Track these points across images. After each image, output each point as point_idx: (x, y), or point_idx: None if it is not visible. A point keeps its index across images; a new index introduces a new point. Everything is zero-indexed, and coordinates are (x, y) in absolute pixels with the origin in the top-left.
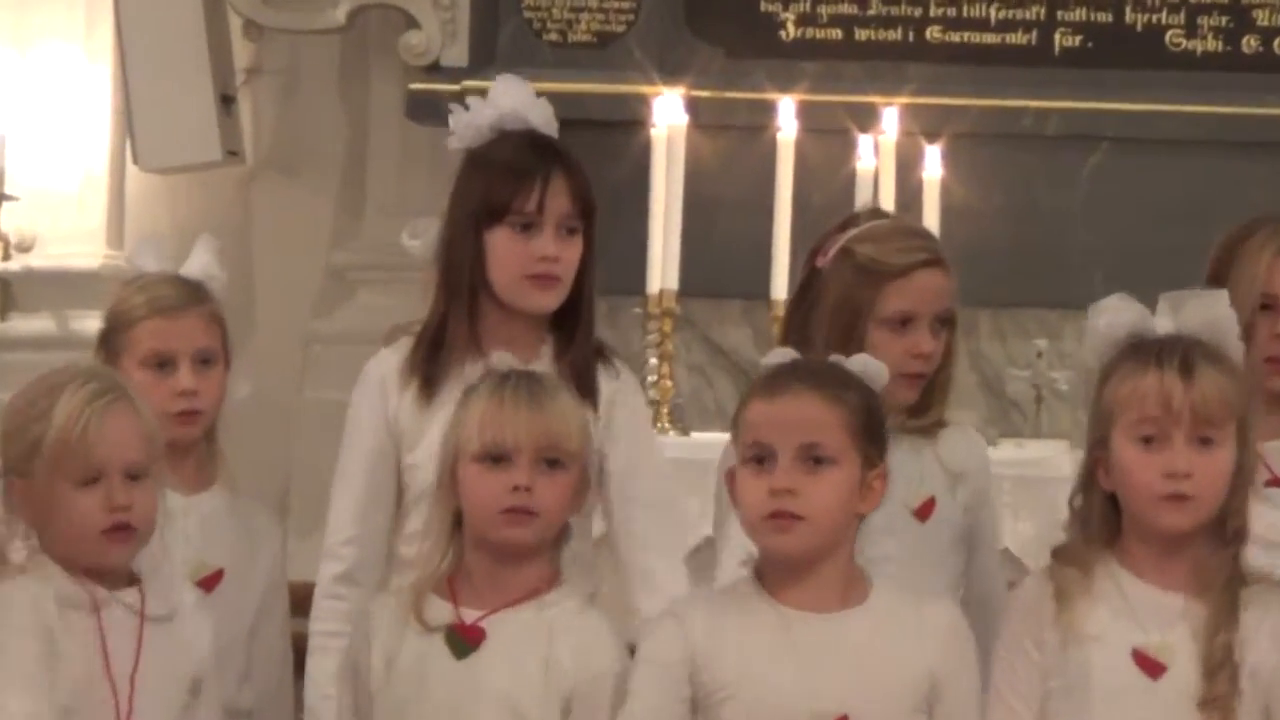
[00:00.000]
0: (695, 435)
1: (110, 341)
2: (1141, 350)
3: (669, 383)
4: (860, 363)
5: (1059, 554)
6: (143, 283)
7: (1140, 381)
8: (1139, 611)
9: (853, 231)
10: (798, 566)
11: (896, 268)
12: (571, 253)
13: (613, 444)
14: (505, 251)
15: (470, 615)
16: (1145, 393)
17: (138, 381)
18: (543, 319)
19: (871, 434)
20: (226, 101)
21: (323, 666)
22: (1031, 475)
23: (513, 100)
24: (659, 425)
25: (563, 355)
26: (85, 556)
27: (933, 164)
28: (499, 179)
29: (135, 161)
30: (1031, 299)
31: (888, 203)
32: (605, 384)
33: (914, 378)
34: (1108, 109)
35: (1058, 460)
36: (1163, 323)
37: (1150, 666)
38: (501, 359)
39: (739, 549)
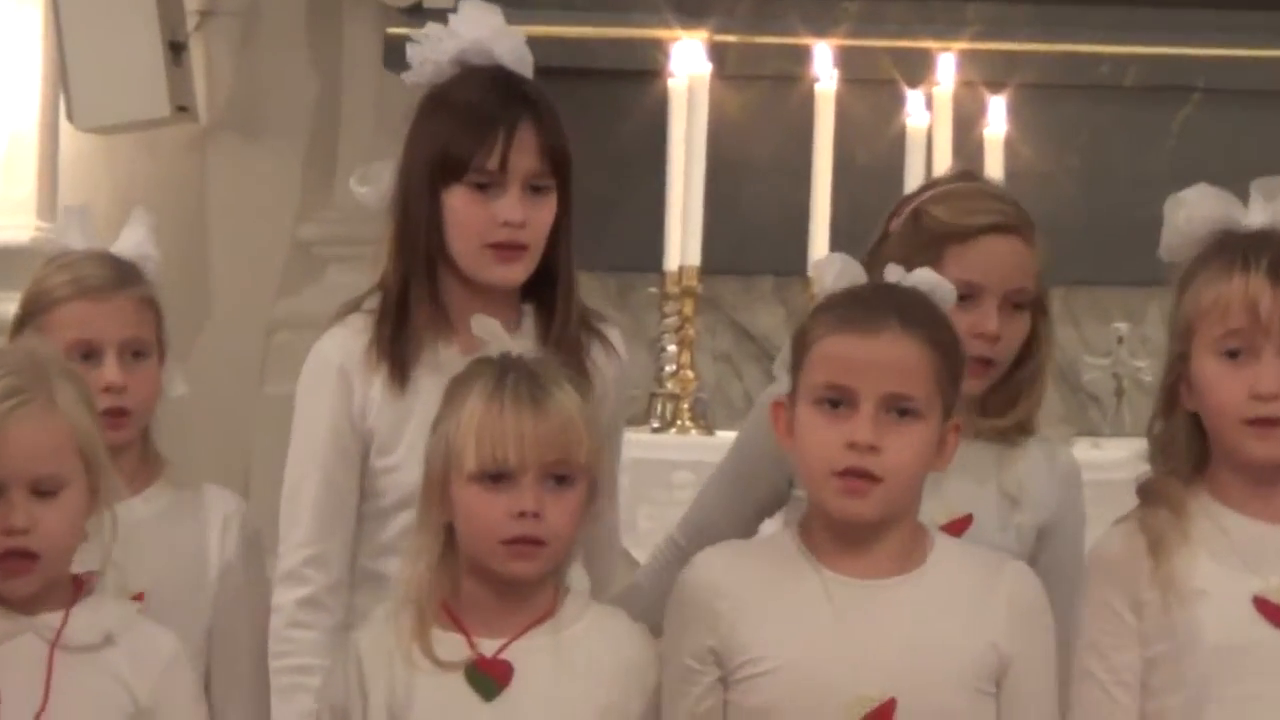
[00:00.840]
0: (721, 434)
1: (26, 326)
2: (1226, 249)
3: (690, 373)
4: (927, 280)
5: (1145, 493)
6: (66, 260)
7: (1224, 286)
8: (1249, 553)
9: (926, 195)
10: (857, 530)
11: (958, 230)
12: (541, 215)
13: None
14: (464, 215)
15: (488, 647)
16: (1229, 299)
17: None
18: (516, 291)
19: (955, 379)
20: (176, 49)
21: (298, 710)
22: (1111, 479)
23: (477, 29)
24: (679, 423)
25: (545, 335)
26: None
27: (995, 119)
28: (456, 128)
29: (70, 119)
30: (1110, 276)
31: (943, 164)
32: (605, 363)
33: (979, 364)
34: (1198, 55)
35: (1142, 462)
36: (1255, 216)
37: (1276, 614)
38: (484, 328)
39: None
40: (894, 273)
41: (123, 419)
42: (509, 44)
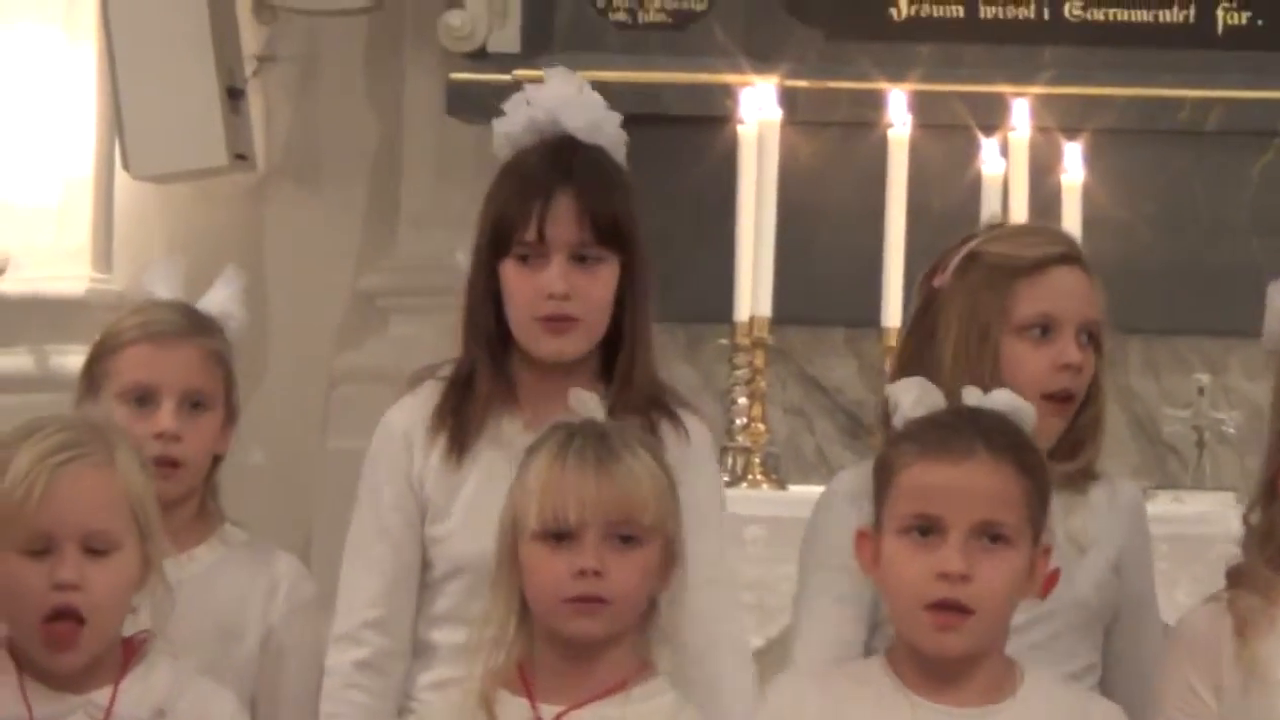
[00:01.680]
0: (793, 489)
1: (93, 371)
2: None
3: (761, 426)
4: (1007, 402)
5: (1236, 578)
6: (142, 306)
7: None
8: None
9: (976, 241)
10: (946, 665)
11: (1029, 261)
12: (591, 286)
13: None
14: (513, 288)
15: (548, 712)
16: None
17: (117, 418)
18: (590, 365)
19: (1044, 503)
20: (233, 95)
21: None
22: (1192, 534)
23: (548, 97)
24: (750, 477)
25: (612, 412)
26: (31, 649)
27: (1072, 165)
28: (502, 201)
29: (125, 168)
30: (1191, 325)
31: (1020, 210)
32: (672, 449)
33: (1062, 402)
34: None
35: (1224, 517)
36: None
37: None
38: (580, 402)
39: (820, 641)
40: (972, 395)
41: (172, 470)
42: (579, 112)
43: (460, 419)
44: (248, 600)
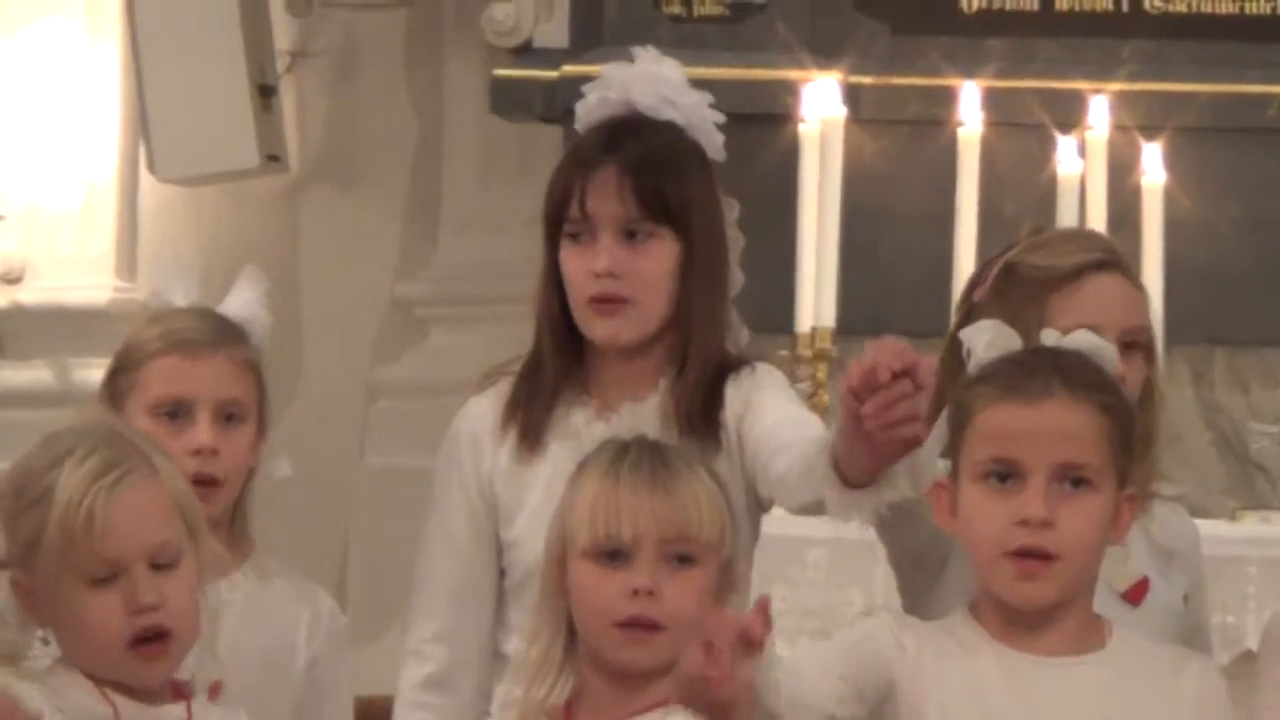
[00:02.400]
0: None
1: (116, 383)
2: None
3: None
4: (1087, 342)
5: None
6: (164, 314)
7: None
8: None
9: (1013, 251)
10: (1031, 614)
11: (1063, 270)
12: (643, 264)
13: (751, 419)
14: (566, 269)
15: None
16: None
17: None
18: (659, 350)
19: (1129, 446)
20: (265, 93)
21: None
22: None
23: (624, 74)
24: None
25: (670, 392)
26: (114, 672)
27: (1153, 166)
28: (556, 178)
29: (151, 170)
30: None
31: (1097, 214)
32: (730, 394)
33: None
34: None
35: None
36: None
37: None
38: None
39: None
40: (1050, 336)
41: (212, 488)
42: (648, 87)
43: (530, 410)
44: (293, 631)
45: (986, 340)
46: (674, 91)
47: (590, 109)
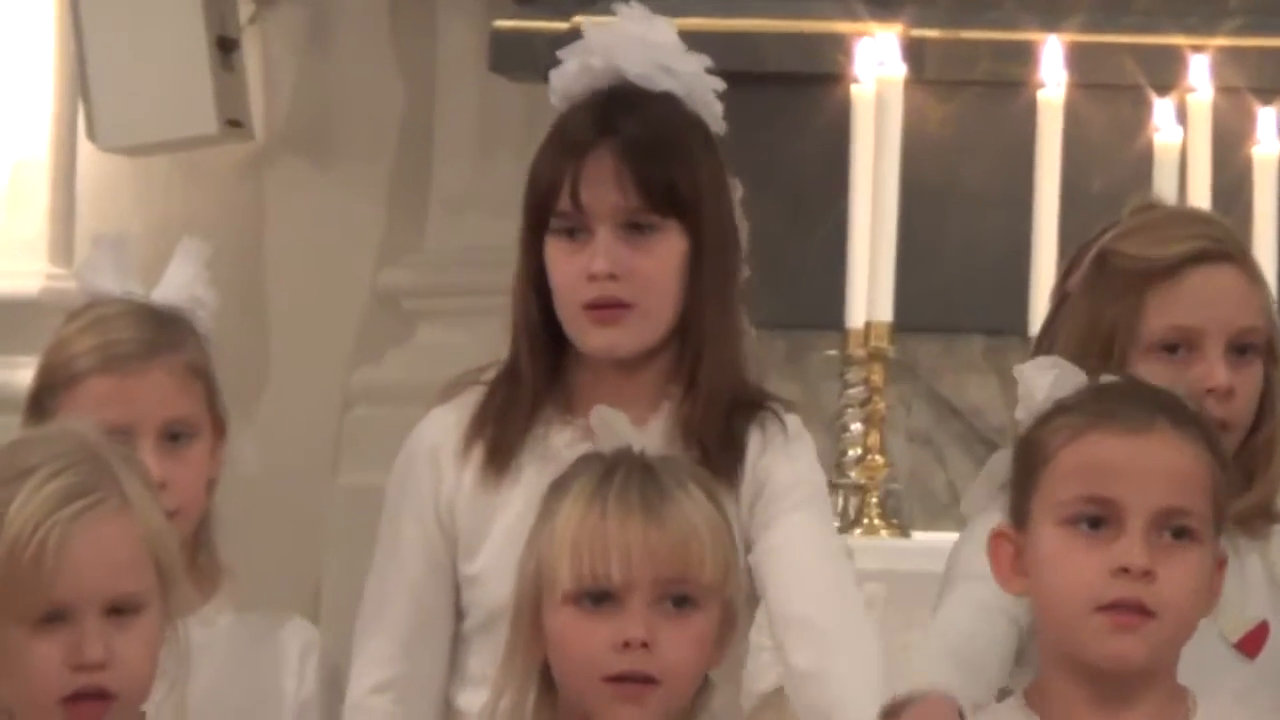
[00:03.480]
0: (919, 536)
1: (42, 404)
2: None
3: (879, 459)
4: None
5: None
6: (93, 317)
7: None
8: None
9: (1109, 235)
10: (1113, 684)
11: (1161, 263)
12: (645, 263)
13: (763, 517)
14: (555, 269)
15: None
16: None
17: None
18: (660, 364)
19: (1223, 504)
20: (225, 47)
21: None
22: None
23: (607, 38)
24: (865, 522)
25: (680, 415)
26: None
27: (1266, 134)
28: (541, 164)
29: (90, 138)
30: None
31: (1200, 190)
32: (752, 440)
33: None
34: None
35: None
36: None
37: None
38: (603, 421)
39: (940, 653)
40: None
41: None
42: (639, 53)
43: (502, 426)
44: (278, 674)
45: (1050, 381)
46: (670, 57)
47: (570, 79)
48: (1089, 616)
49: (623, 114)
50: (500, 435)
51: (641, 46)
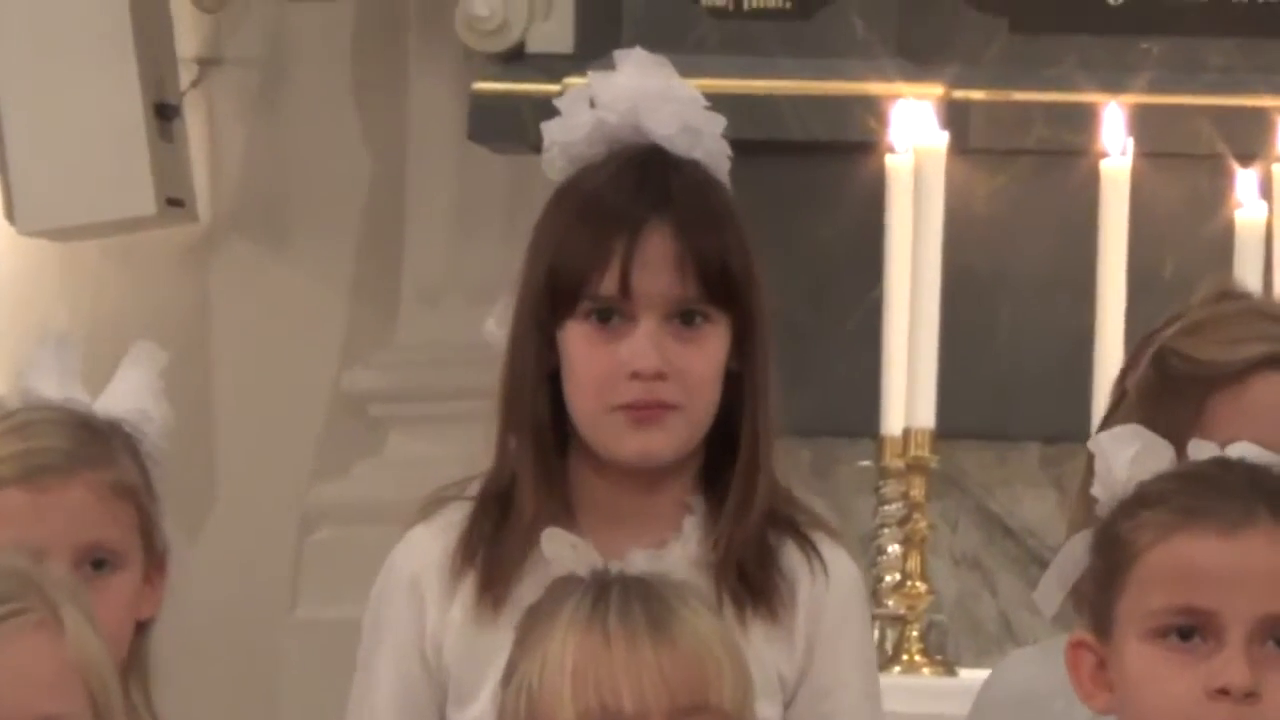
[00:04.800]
0: (965, 675)
1: None
2: None
3: (921, 585)
4: (1250, 456)
5: None
6: (17, 422)
7: None
8: None
9: (1174, 327)
10: None
11: (1224, 368)
12: (694, 360)
13: (812, 685)
14: (580, 363)
15: None
16: None
17: None
18: (686, 473)
19: None
20: (164, 114)
21: None
22: None
23: (622, 92)
24: (905, 658)
25: (708, 533)
26: None
27: None
28: (568, 238)
29: (9, 219)
30: None
31: None
32: (802, 583)
33: None
34: None
35: None
36: None
37: None
38: (554, 547)
39: None
40: (1203, 449)
41: None
42: (666, 111)
43: (496, 550)
44: None
45: (1131, 455)
46: (695, 116)
47: (577, 136)
48: None
49: (674, 184)
50: (494, 561)
51: (667, 104)
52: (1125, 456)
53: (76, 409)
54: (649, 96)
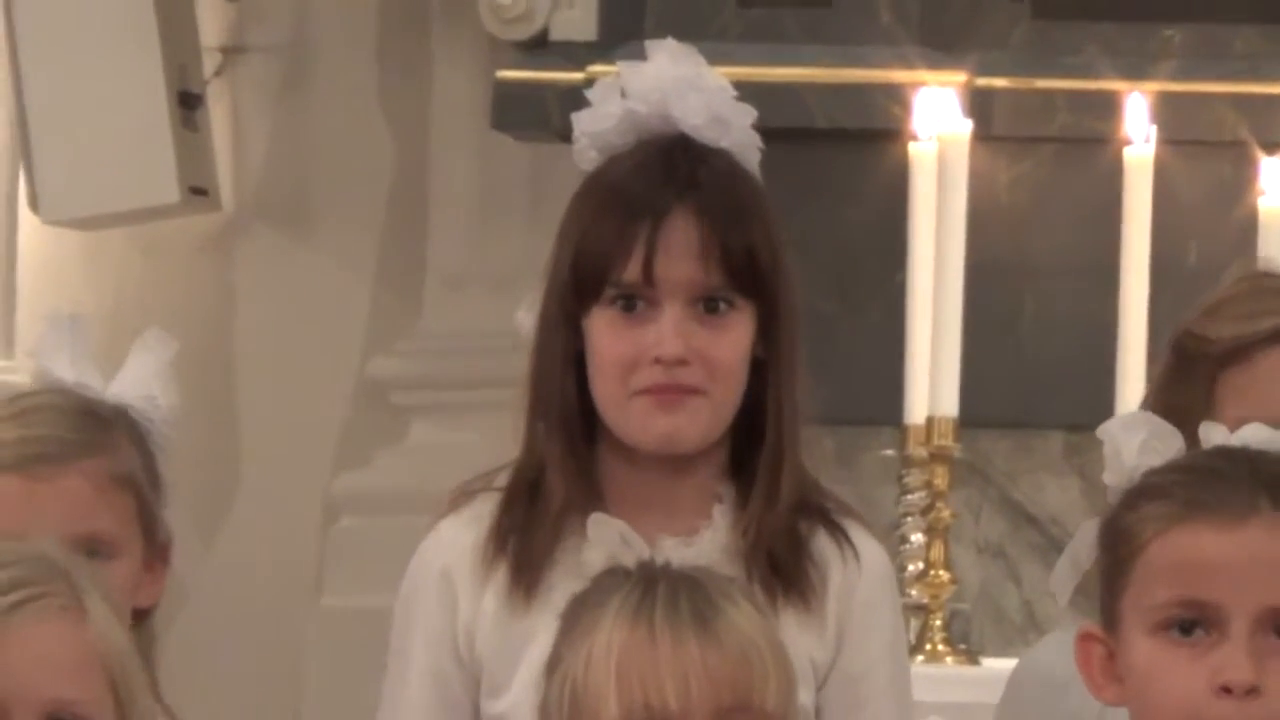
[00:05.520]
0: (989, 664)
1: None
2: None
3: (945, 575)
4: (1260, 439)
5: None
6: (20, 408)
7: None
8: None
9: (1201, 309)
10: None
11: (1232, 344)
12: (718, 346)
13: (842, 671)
14: (603, 349)
15: None
16: None
17: None
18: (713, 461)
19: None
20: (188, 104)
21: None
22: None
23: (652, 82)
24: (928, 648)
25: (738, 522)
26: None
27: None
28: (594, 226)
29: (34, 209)
30: None
31: None
32: (833, 569)
33: None
34: None
35: None
36: None
37: None
38: (602, 532)
39: None
40: (1212, 431)
41: None
42: (695, 101)
43: (527, 540)
44: None
45: (1139, 442)
46: (725, 107)
47: (607, 125)
48: None
49: (700, 173)
50: (525, 551)
51: (696, 93)
52: (1134, 443)
53: (84, 393)
54: (678, 86)
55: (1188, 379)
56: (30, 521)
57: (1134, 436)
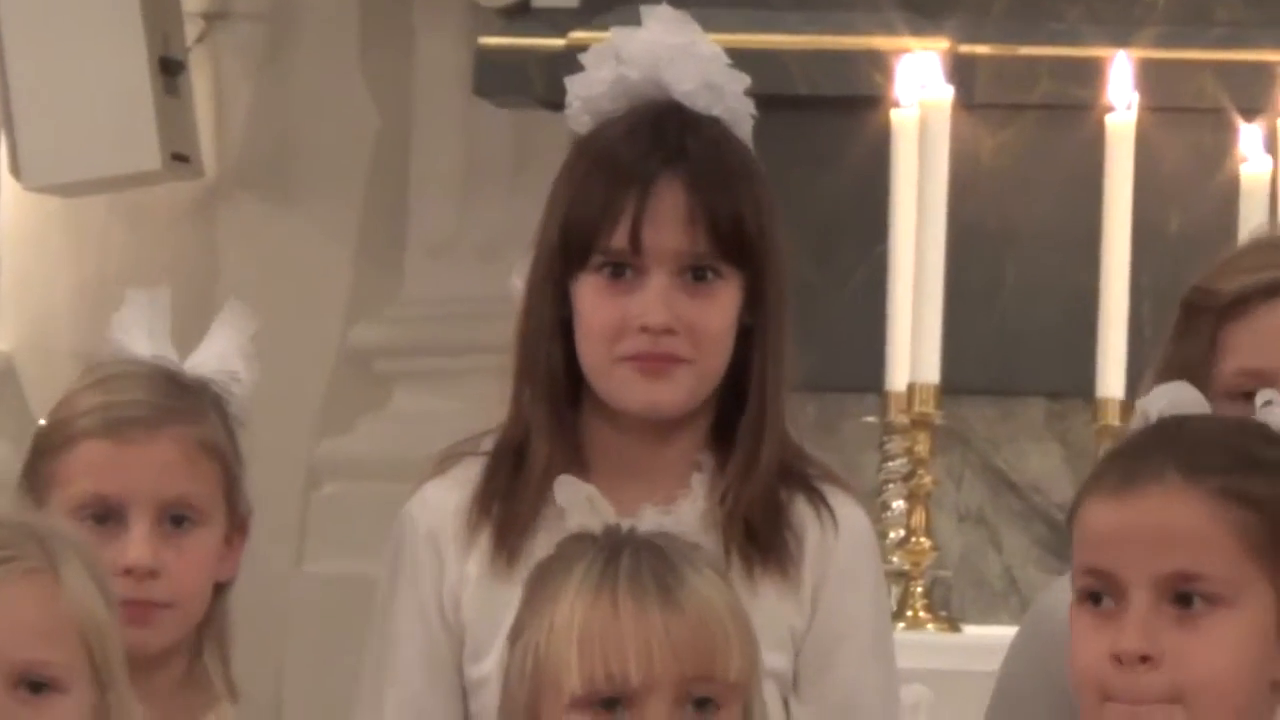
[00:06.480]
0: (970, 631)
1: (36, 469)
2: None
3: (925, 541)
4: (1173, 398)
5: None
6: (103, 374)
7: None
8: None
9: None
10: None
11: (1229, 301)
12: (705, 315)
13: (818, 633)
14: (591, 314)
15: None
16: None
17: None
18: (696, 428)
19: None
20: (169, 70)
21: None
22: None
23: (645, 47)
24: (909, 614)
25: (716, 490)
26: None
27: None
28: (582, 192)
29: (15, 175)
30: None
31: None
32: (810, 534)
33: None
34: None
35: None
36: None
37: None
38: (568, 495)
39: None
40: (1157, 400)
41: (149, 613)
42: (686, 66)
43: (511, 504)
44: None
45: (1162, 408)
46: (718, 74)
47: (599, 91)
48: (1101, 708)
49: (689, 141)
50: (509, 515)
51: (689, 60)
52: (1155, 410)
53: (165, 365)
54: (671, 53)
55: (1193, 333)
56: (120, 487)
57: (1155, 405)
